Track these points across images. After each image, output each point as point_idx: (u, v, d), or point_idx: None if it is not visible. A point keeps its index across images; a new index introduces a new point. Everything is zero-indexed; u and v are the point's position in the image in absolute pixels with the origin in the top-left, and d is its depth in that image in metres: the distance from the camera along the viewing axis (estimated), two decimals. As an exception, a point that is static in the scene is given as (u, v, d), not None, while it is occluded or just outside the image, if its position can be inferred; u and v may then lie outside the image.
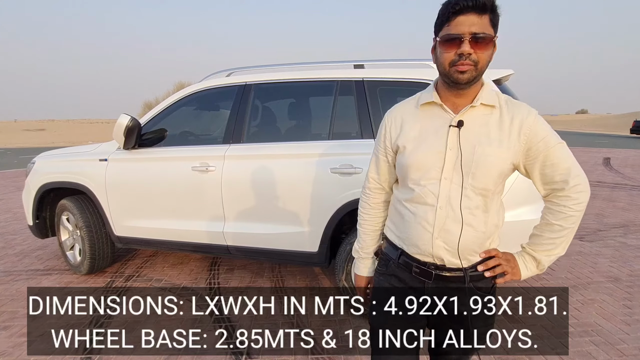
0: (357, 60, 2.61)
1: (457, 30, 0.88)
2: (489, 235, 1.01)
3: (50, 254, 3.78)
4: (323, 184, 2.34)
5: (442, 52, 0.93)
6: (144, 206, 2.83)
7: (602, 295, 2.72)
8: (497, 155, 0.94)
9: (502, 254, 1.03)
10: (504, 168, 0.96)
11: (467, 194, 0.96)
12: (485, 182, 0.95)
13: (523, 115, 0.96)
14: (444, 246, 0.99)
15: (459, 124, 0.96)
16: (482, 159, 0.94)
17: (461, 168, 0.95)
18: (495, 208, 1.01)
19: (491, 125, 0.96)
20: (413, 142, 1.02)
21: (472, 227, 0.97)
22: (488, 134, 0.95)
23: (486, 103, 0.97)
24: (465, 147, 0.95)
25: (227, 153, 2.56)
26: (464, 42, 0.88)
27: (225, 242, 2.65)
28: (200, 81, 2.88)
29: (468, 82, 0.92)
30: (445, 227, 0.98)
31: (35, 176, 3.20)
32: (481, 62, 0.91)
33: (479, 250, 1.01)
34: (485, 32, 0.88)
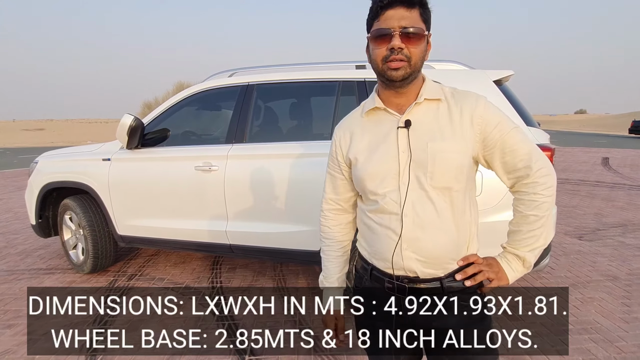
0: (359, 61, 2.63)
1: (386, 24, 0.86)
2: (464, 239, 0.93)
3: (52, 253, 3.79)
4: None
5: (374, 48, 0.90)
6: (147, 205, 2.85)
7: (601, 294, 2.75)
8: (452, 149, 0.89)
9: (482, 259, 0.95)
10: (463, 162, 0.90)
11: (430, 195, 0.89)
12: (445, 180, 0.89)
13: (472, 104, 0.91)
14: (415, 257, 0.91)
15: (406, 123, 0.91)
16: (437, 156, 0.88)
17: (415, 170, 0.90)
18: (466, 207, 0.93)
19: (440, 119, 0.91)
20: (364, 153, 0.97)
21: (442, 231, 0.90)
22: (439, 129, 0.91)
23: (430, 97, 0.92)
24: (417, 146, 0.90)
25: (229, 153, 2.58)
26: (395, 36, 0.86)
27: (228, 241, 2.67)
28: (202, 81, 2.90)
29: (403, 79, 0.89)
30: (414, 235, 0.90)
31: (38, 176, 3.22)
32: (414, 57, 0.87)
33: (456, 257, 0.93)
34: (415, 25, 0.86)
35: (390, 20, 0.86)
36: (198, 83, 2.93)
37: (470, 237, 0.95)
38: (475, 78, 2.34)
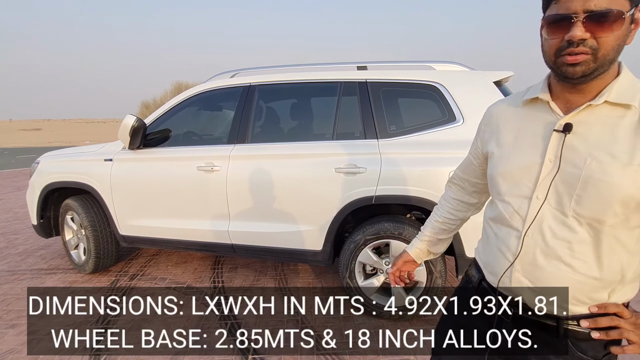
0: (360, 62, 2.65)
1: (566, 8, 0.67)
2: (606, 284, 0.73)
3: (54, 253, 3.80)
4: (327, 183, 2.38)
5: (547, 38, 0.71)
6: (149, 205, 2.86)
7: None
8: (623, 174, 0.67)
9: (630, 314, 0.74)
10: (635, 194, 0.67)
11: (566, 222, 0.72)
12: (596, 211, 0.69)
13: None
14: (528, 283, 0.78)
15: (565, 127, 0.72)
16: (595, 178, 0.68)
17: (558, 186, 0.73)
18: (622, 247, 0.71)
19: (620, 132, 0.69)
20: (505, 148, 0.82)
21: (570, 267, 0.73)
22: (612, 145, 0.68)
23: (615, 101, 0.69)
24: (570, 159, 0.72)
25: (232, 153, 2.60)
26: (576, 23, 0.66)
27: (230, 240, 2.68)
28: (205, 82, 2.92)
29: (584, 76, 0.68)
30: (531, 260, 0.76)
31: (39, 176, 3.22)
32: (603, 48, 0.66)
33: (587, 301, 0.74)
34: (608, 7, 0.64)
35: (572, 1, 0.66)
36: (197, 83, 2.94)
37: (620, 282, 0.74)
38: (476, 79, 2.36)
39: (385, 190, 2.28)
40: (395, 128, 2.40)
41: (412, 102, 2.55)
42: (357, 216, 2.54)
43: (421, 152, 2.27)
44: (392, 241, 2.34)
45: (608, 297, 0.75)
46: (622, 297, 0.75)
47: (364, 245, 2.38)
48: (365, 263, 2.43)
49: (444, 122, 2.33)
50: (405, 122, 2.43)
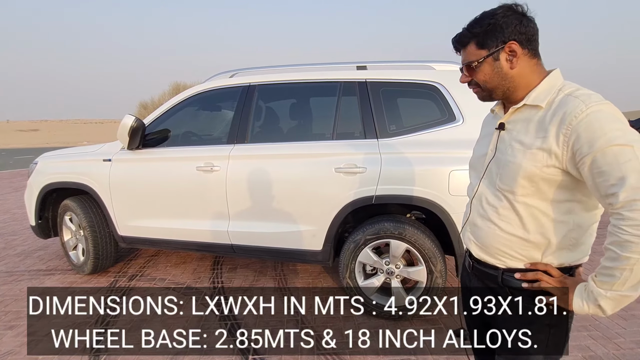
0: (360, 62, 2.65)
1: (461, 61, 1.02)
2: (534, 245, 0.94)
3: (52, 254, 3.78)
4: (327, 183, 2.38)
5: None
6: (148, 206, 2.86)
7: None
8: (523, 157, 0.90)
9: (557, 273, 0.93)
10: (534, 171, 0.88)
11: (495, 193, 0.98)
12: (509, 184, 0.93)
13: (567, 112, 0.84)
14: (471, 238, 1.06)
15: (500, 126, 0.99)
16: (508, 160, 0.94)
17: (492, 168, 1.00)
18: (546, 217, 0.92)
19: (531, 125, 0.92)
20: (476, 145, 1.14)
21: (497, 226, 0.97)
22: (524, 136, 0.92)
23: (530, 103, 0.93)
24: (500, 148, 0.98)
25: (231, 153, 2.59)
26: (463, 73, 1.01)
27: (229, 241, 2.67)
28: (204, 82, 2.91)
29: (484, 100, 1.02)
30: (472, 220, 1.06)
31: (38, 177, 3.21)
32: (481, 82, 0.98)
33: (519, 257, 0.96)
34: (469, 59, 0.97)
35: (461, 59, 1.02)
36: (196, 84, 2.94)
37: (548, 246, 0.93)
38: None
39: (386, 190, 2.28)
40: (395, 128, 2.40)
41: (411, 102, 2.55)
42: (357, 216, 2.54)
43: (421, 151, 2.27)
44: (392, 241, 2.33)
45: (541, 257, 0.95)
46: (556, 260, 0.95)
47: (364, 245, 2.38)
48: (365, 263, 2.43)
49: (444, 121, 2.33)
50: (405, 121, 2.43)
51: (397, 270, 2.39)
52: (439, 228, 2.36)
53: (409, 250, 2.33)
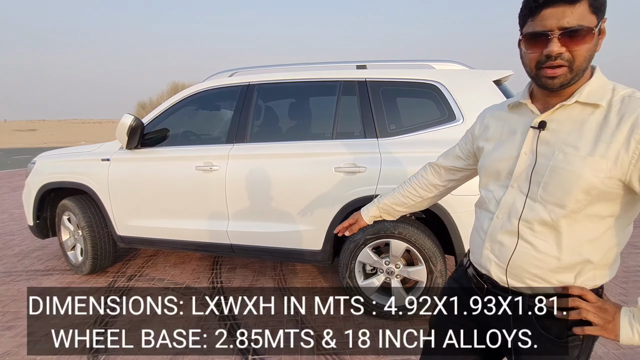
0: (360, 61, 2.64)
1: (542, 26, 0.74)
2: (568, 265, 0.80)
3: (50, 255, 3.76)
4: (327, 182, 2.37)
5: (527, 52, 0.79)
6: (147, 206, 2.84)
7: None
8: (583, 165, 0.74)
9: (595, 299, 0.79)
10: (595, 182, 0.74)
11: (533, 206, 0.81)
12: (560, 197, 0.77)
13: (638, 115, 0.71)
14: (494, 259, 0.87)
15: (540, 125, 0.81)
16: (559, 167, 0.77)
17: (532, 176, 0.81)
18: (584, 232, 0.78)
19: (587, 128, 0.76)
20: (491, 144, 0.93)
21: (531, 245, 0.81)
22: (577, 139, 0.77)
23: (584, 101, 0.77)
24: (543, 152, 0.80)
25: (231, 152, 2.58)
26: (552, 39, 0.73)
27: (229, 240, 2.67)
28: (203, 81, 2.90)
29: (562, 86, 0.77)
30: (497, 238, 0.86)
31: (36, 176, 3.20)
32: (577, 59, 0.74)
33: (551, 280, 0.82)
34: (580, 24, 0.71)
35: (548, 19, 0.73)
36: (194, 83, 2.93)
37: (584, 266, 0.80)
38: (476, 78, 2.36)
39: (386, 190, 2.27)
40: (395, 127, 2.40)
41: (411, 101, 2.55)
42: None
43: (421, 151, 2.27)
44: (392, 240, 2.33)
45: (574, 279, 0.81)
46: (591, 282, 0.81)
47: (363, 245, 2.38)
48: (365, 263, 2.43)
49: (444, 121, 2.33)
50: (404, 121, 2.43)
51: (397, 270, 2.39)
52: (439, 228, 2.36)
53: (409, 249, 2.33)
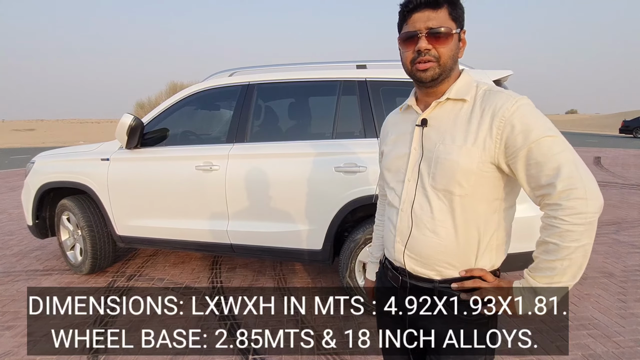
0: (359, 61, 2.64)
1: (413, 27, 0.87)
2: (470, 248, 0.88)
3: (49, 254, 3.76)
4: (327, 182, 2.38)
5: (403, 51, 0.91)
6: (146, 205, 2.84)
7: (598, 290, 2.79)
8: (460, 152, 0.85)
9: (492, 278, 0.88)
10: (471, 167, 0.84)
11: (427, 195, 0.89)
12: (446, 183, 0.86)
13: (497, 105, 0.83)
14: (406, 252, 0.93)
15: (422, 122, 0.92)
16: (441, 157, 0.87)
17: (421, 168, 0.91)
18: (475, 216, 0.87)
19: (459, 120, 0.88)
20: (389, 146, 1.02)
21: (435, 233, 0.89)
22: (452, 131, 0.87)
23: (454, 97, 0.89)
24: (427, 146, 0.90)
25: (231, 152, 2.58)
26: (421, 38, 0.86)
27: (229, 240, 2.66)
28: (202, 81, 2.89)
29: (433, 79, 0.88)
30: (406, 230, 0.93)
31: (35, 176, 3.19)
32: (443, 57, 0.86)
33: (456, 265, 0.89)
34: (442, 25, 0.85)
35: (417, 22, 0.87)
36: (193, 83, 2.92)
37: (481, 248, 0.89)
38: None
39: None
40: (395, 127, 2.40)
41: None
42: (357, 215, 2.54)
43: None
44: (392, 240, 2.33)
45: (475, 262, 0.89)
46: (488, 264, 0.91)
47: (364, 244, 2.38)
48: (365, 262, 2.43)
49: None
50: (404, 121, 2.43)
51: (397, 270, 2.39)
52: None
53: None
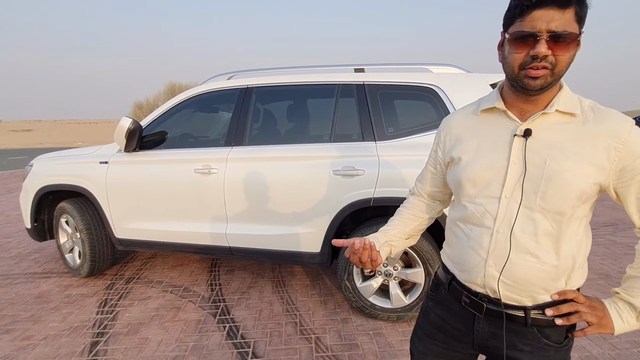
0: (357, 64, 2.66)
1: (532, 26, 0.73)
2: (563, 271, 0.82)
3: (47, 257, 3.75)
4: (325, 185, 2.39)
5: (512, 51, 0.78)
6: (145, 208, 2.84)
7: (594, 292, 2.81)
8: (576, 172, 0.77)
9: (584, 299, 0.83)
10: (585, 188, 0.77)
11: (533, 217, 0.80)
12: (558, 204, 0.78)
13: (614, 126, 0.76)
14: (502, 278, 0.84)
15: (526, 132, 0.81)
16: (555, 176, 0.77)
17: (525, 185, 0.81)
18: (573, 236, 0.81)
19: (569, 135, 0.79)
20: (470, 154, 0.89)
21: (537, 258, 0.81)
22: (564, 147, 0.78)
23: (563, 110, 0.80)
24: (532, 160, 0.80)
25: (229, 155, 2.59)
26: (540, 41, 0.73)
27: (227, 243, 2.67)
28: (201, 84, 2.90)
29: (542, 88, 0.77)
30: (502, 254, 0.83)
31: (33, 179, 3.19)
32: (560, 64, 0.75)
33: (550, 289, 0.83)
34: (567, 29, 0.72)
35: (537, 21, 0.73)
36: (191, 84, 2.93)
37: (572, 268, 0.82)
38: (473, 81, 2.38)
39: (384, 192, 2.29)
40: (393, 130, 2.41)
41: (409, 105, 2.56)
42: (355, 218, 2.55)
43: (419, 154, 2.28)
44: (390, 243, 2.34)
45: (565, 284, 0.83)
46: (576, 283, 0.84)
47: (362, 247, 2.39)
48: (363, 265, 2.44)
49: (441, 124, 2.34)
50: (402, 124, 2.44)
51: (395, 272, 2.41)
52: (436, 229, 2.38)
53: (407, 252, 2.34)
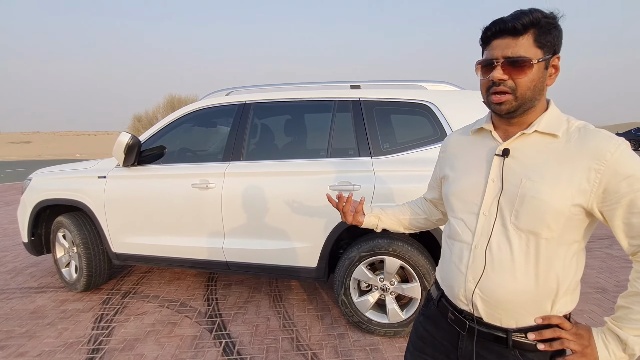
0: (353, 81, 2.71)
1: (491, 54, 0.81)
2: (547, 294, 0.81)
3: (44, 271, 3.74)
4: (322, 200, 2.40)
5: (480, 78, 0.86)
6: (143, 223, 2.85)
7: (591, 306, 2.81)
8: (552, 192, 0.77)
9: (570, 325, 0.81)
10: (562, 209, 0.77)
11: (507, 235, 0.82)
12: (532, 224, 0.79)
13: (597, 147, 0.76)
14: (477, 292, 0.85)
15: (504, 152, 0.84)
16: (529, 195, 0.79)
17: (501, 203, 0.83)
18: (558, 260, 0.80)
19: (548, 157, 0.80)
20: (458, 172, 0.95)
21: (513, 277, 0.81)
22: (541, 167, 0.80)
23: (543, 131, 0.82)
24: (509, 179, 0.83)
25: (227, 170, 2.62)
26: (496, 67, 0.80)
27: (224, 258, 2.68)
28: (200, 100, 2.95)
29: (508, 112, 0.82)
30: (479, 269, 0.85)
31: (31, 193, 3.20)
32: (520, 88, 0.79)
33: (533, 312, 0.82)
34: (521, 55, 0.77)
35: (495, 49, 0.81)
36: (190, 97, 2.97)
37: (557, 293, 0.81)
38: (466, 98, 2.42)
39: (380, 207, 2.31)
40: (389, 146, 2.45)
41: (404, 121, 2.60)
42: (352, 233, 2.56)
43: (414, 169, 2.31)
44: (386, 257, 2.35)
45: (550, 308, 0.82)
46: (564, 309, 0.83)
47: (358, 262, 2.40)
48: (360, 279, 2.44)
49: (436, 140, 2.38)
50: (398, 140, 2.48)
51: (392, 287, 2.41)
52: (432, 244, 2.39)
53: (403, 266, 2.35)
